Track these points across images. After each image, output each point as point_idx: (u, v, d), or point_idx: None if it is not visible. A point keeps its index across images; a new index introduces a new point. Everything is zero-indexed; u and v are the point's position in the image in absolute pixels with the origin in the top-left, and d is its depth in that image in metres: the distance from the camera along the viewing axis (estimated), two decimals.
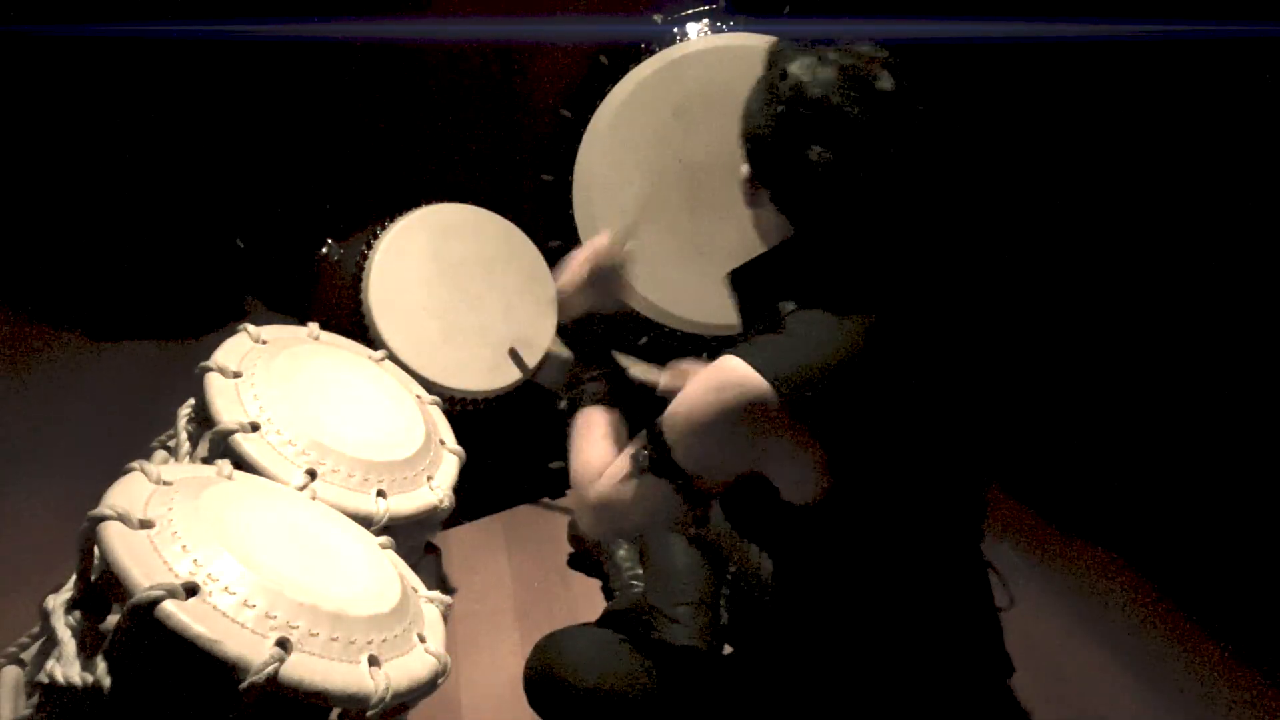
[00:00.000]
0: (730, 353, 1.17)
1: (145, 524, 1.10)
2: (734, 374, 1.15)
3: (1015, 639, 1.33)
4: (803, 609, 1.29)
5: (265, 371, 1.51)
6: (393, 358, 1.85)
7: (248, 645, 1.01)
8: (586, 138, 2.10)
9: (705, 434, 1.18)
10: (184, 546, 1.08)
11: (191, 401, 1.51)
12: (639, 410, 1.42)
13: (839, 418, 1.14)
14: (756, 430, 1.15)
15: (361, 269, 2.02)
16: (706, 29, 2.13)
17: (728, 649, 1.69)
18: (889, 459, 1.19)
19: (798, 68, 1.19)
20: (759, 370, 1.13)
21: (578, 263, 1.51)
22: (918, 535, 1.24)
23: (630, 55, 2.12)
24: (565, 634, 1.47)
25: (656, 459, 1.23)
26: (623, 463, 1.29)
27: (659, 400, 1.43)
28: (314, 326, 1.75)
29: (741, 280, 1.30)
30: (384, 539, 1.38)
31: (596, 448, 1.36)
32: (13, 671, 1.19)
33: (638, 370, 1.73)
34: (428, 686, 1.17)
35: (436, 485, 1.56)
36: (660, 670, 1.37)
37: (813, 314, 1.18)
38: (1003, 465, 1.36)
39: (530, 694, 1.43)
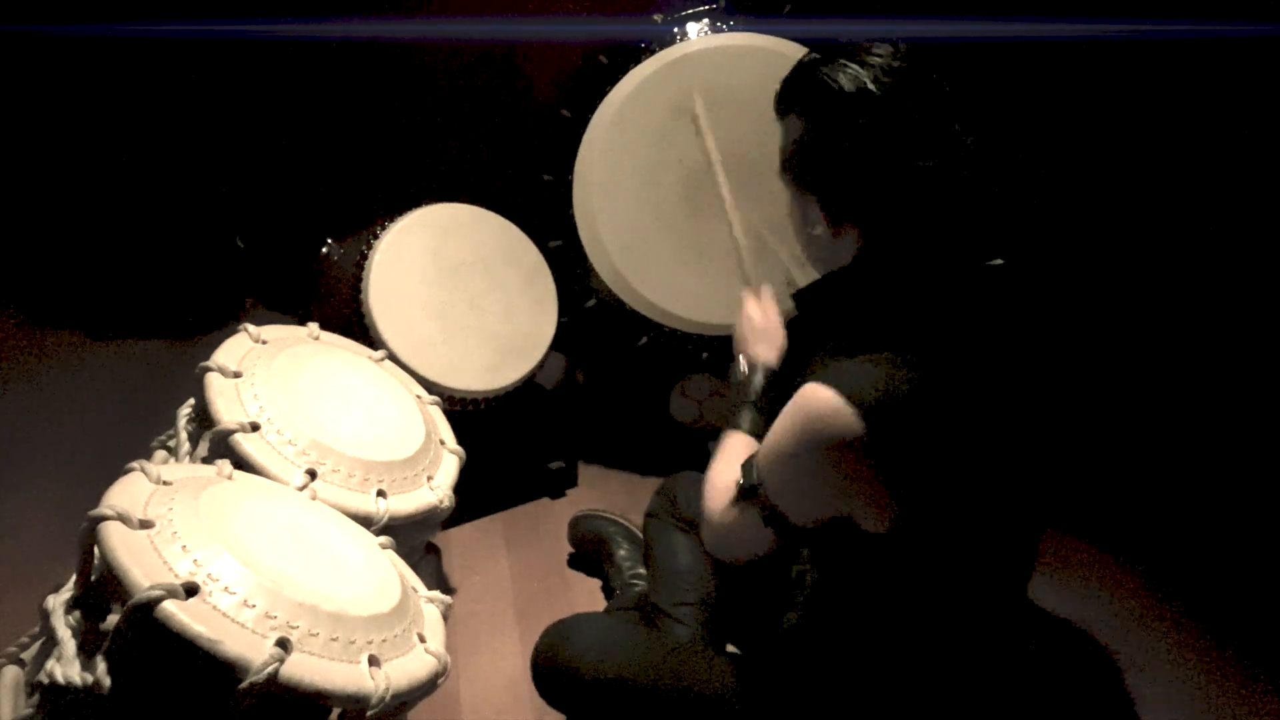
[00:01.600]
0: (814, 379, 1.14)
1: (145, 524, 1.10)
2: (819, 401, 1.12)
3: None
4: (836, 624, 1.29)
5: (265, 371, 1.51)
6: (393, 358, 1.85)
7: (248, 645, 1.01)
8: (586, 138, 2.10)
9: (794, 466, 1.17)
10: (184, 546, 1.08)
11: (191, 401, 1.51)
12: None
13: (921, 446, 1.12)
14: (841, 460, 1.12)
15: (361, 269, 2.02)
16: (706, 29, 2.12)
17: (730, 648, 1.69)
18: (961, 491, 1.17)
19: (844, 79, 1.15)
20: (846, 396, 1.10)
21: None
22: (970, 571, 1.23)
23: (630, 55, 2.12)
24: (573, 620, 1.48)
25: (748, 488, 1.23)
26: (729, 488, 1.29)
27: None
28: (314, 326, 1.75)
29: (807, 300, 1.29)
30: (384, 539, 1.38)
31: (728, 471, 1.33)
32: (13, 671, 1.19)
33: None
34: (428, 686, 1.17)
35: (436, 485, 1.56)
36: (667, 654, 1.37)
37: (893, 337, 1.15)
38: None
39: (537, 679, 1.43)
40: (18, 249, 2.84)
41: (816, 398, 1.12)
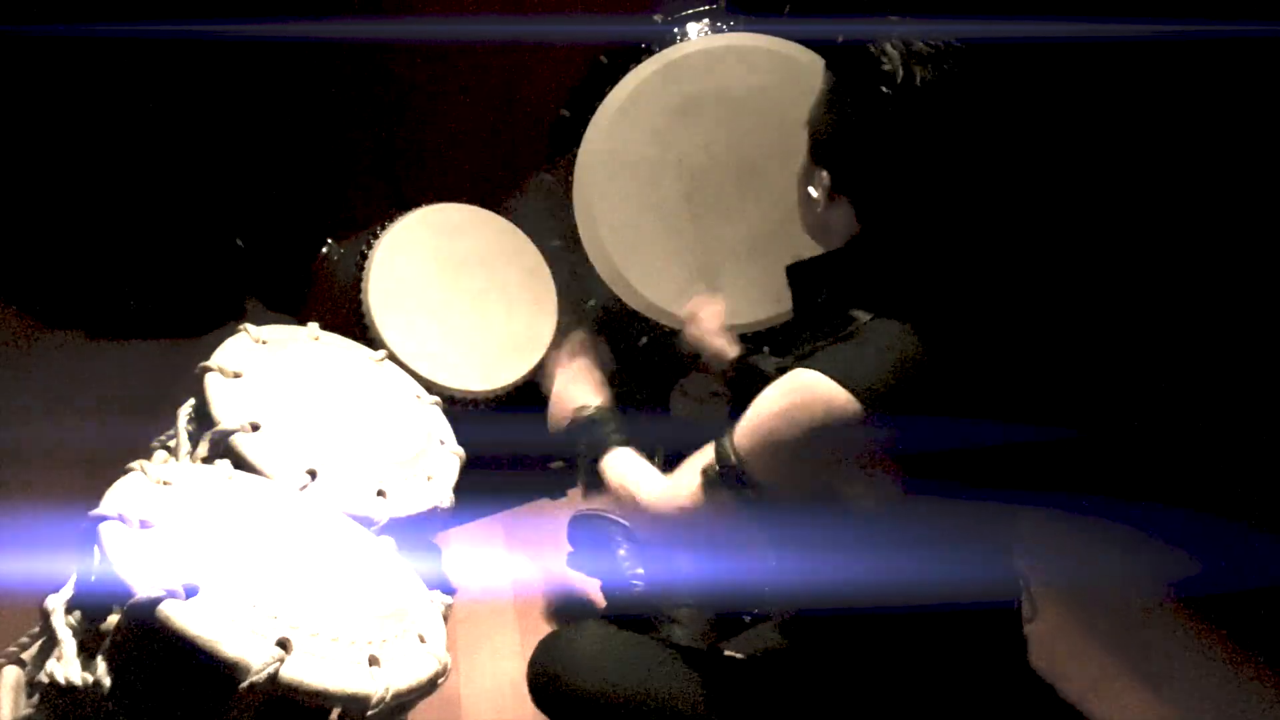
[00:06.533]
0: (808, 366, 1.14)
1: (145, 524, 1.10)
2: (816, 389, 1.12)
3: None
4: (825, 610, 1.28)
5: (265, 371, 1.51)
6: (393, 358, 1.85)
7: (248, 645, 1.01)
8: (586, 138, 2.10)
9: (784, 450, 1.16)
10: (184, 547, 1.08)
11: (191, 401, 1.51)
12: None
13: (916, 428, 1.12)
14: (839, 444, 1.13)
15: (361, 269, 2.02)
16: (707, 29, 2.12)
17: (729, 651, 1.69)
18: (950, 469, 1.17)
19: (888, 61, 1.18)
20: (843, 384, 1.11)
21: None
22: (957, 544, 1.23)
23: (630, 55, 2.12)
24: (570, 631, 1.47)
25: (727, 474, 1.19)
26: (689, 478, 1.24)
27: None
28: (314, 326, 1.75)
29: (800, 276, 1.29)
30: (384, 539, 1.38)
31: (652, 473, 1.32)
32: (13, 671, 1.19)
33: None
34: (428, 686, 1.17)
35: (436, 485, 1.56)
36: (665, 669, 1.37)
37: (888, 324, 1.16)
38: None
39: (534, 692, 1.43)
40: (18, 249, 2.84)
41: (815, 386, 1.13)
